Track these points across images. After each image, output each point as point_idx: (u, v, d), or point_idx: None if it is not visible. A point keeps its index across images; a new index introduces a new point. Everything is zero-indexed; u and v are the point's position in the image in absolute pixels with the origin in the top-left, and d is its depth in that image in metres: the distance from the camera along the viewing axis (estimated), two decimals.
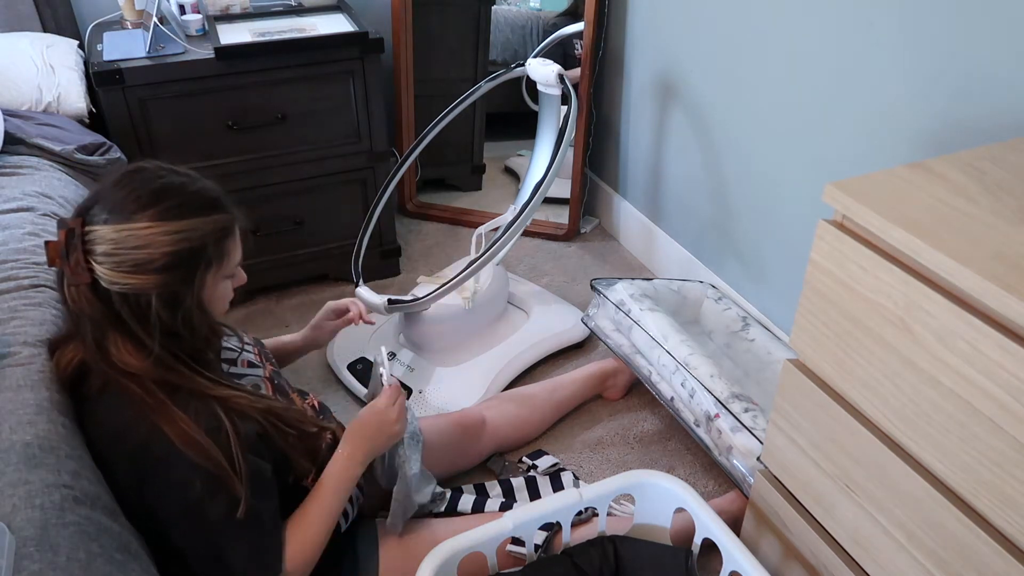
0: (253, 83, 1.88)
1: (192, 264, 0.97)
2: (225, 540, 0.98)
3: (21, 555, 0.77)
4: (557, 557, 1.24)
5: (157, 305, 0.96)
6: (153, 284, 0.95)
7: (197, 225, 0.97)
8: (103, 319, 0.96)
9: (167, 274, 0.95)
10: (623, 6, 2.16)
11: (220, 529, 0.97)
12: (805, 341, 1.02)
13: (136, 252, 0.93)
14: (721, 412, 1.47)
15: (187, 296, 0.98)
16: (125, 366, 0.96)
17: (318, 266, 2.21)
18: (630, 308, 1.72)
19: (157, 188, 0.97)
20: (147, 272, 0.94)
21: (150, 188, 0.96)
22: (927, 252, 0.81)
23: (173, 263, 0.95)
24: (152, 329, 0.96)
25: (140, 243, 0.93)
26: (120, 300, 0.95)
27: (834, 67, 1.49)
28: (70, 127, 1.75)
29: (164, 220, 0.95)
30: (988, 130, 1.22)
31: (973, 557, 0.84)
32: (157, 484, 0.96)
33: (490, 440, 1.62)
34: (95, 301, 0.96)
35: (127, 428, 0.95)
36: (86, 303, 0.96)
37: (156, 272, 0.94)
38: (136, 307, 0.96)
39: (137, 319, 0.96)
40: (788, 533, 1.16)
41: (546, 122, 2.11)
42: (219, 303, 1.06)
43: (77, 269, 0.93)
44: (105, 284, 0.94)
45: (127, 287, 0.94)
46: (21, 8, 1.98)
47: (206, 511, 0.95)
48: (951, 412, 0.83)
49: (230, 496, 0.95)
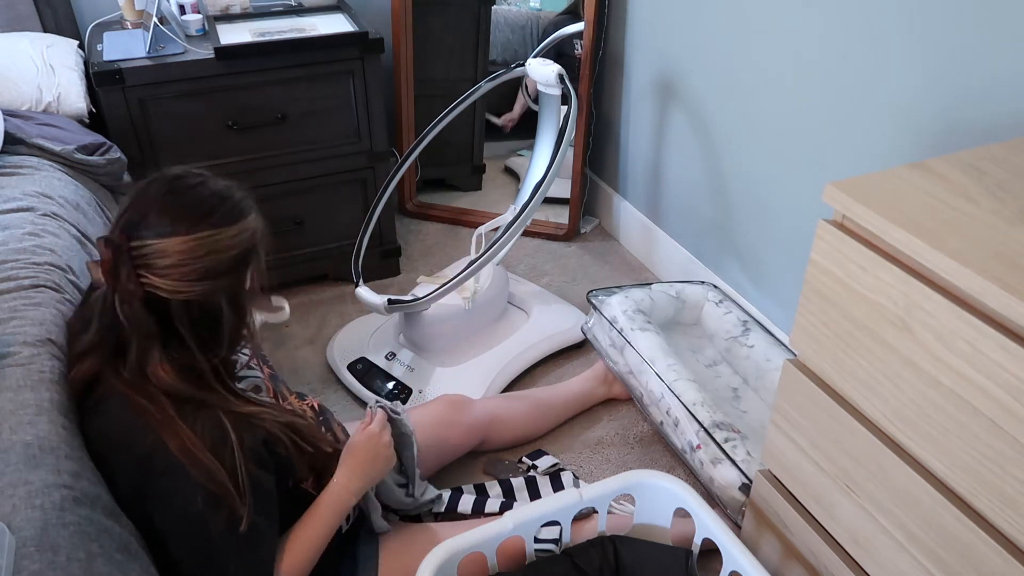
0: (253, 83, 1.88)
1: (247, 262, 1.02)
2: (222, 555, 0.97)
3: (21, 555, 0.77)
4: (557, 557, 1.24)
5: (226, 307, 1.00)
6: (221, 287, 0.98)
7: (249, 224, 1.02)
8: (150, 333, 0.97)
9: (231, 276, 0.99)
10: (623, 6, 2.16)
11: (218, 544, 0.97)
12: (805, 341, 1.02)
13: (207, 259, 0.96)
14: (703, 443, 1.47)
15: (242, 293, 1.02)
16: (157, 380, 0.96)
17: (318, 266, 2.21)
18: (623, 327, 1.72)
19: (208, 195, 0.99)
20: (216, 276, 0.97)
21: (199, 197, 0.99)
22: (927, 252, 0.81)
23: (236, 263, 0.99)
24: (221, 335, 1.00)
25: (210, 249, 0.96)
26: (181, 309, 0.97)
27: (834, 67, 1.49)
28: (70, 127, 1.75)
29: (226, 225, 0.98)
30: (988, 130, 1.22)
31: (973, 557, 0.84)
32: (158, 496, 0.96)
33: (495, 435, 1.64)
34: (146, 315, 0.96)
35: (132, 438, 0.95)
36: (137, 317, 0.96)
37: (223, 275, 0.98)
38: (202, 312, 0.98)
39: (194, 325, 0.98)
40: (788, 533, 1.16)
41: (546, 122, 2.11)
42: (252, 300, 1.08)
43: (129, 285, 0.94)
44: (165, 295, 0.95)
45: (193, 294, 0.96)
46: (21, 8, 1.98)
47: (205, 525, 0.95)
48: (951, 412, 0.83)
49: (230, 512, 0.96)
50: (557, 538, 1.26)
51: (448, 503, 1.45)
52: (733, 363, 1.79)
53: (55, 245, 1.32)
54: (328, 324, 2.08)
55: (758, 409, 1.67)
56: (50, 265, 1.26)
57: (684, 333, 1.89)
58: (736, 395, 1.72)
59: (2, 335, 1.06)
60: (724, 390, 1.73)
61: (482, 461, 1.66)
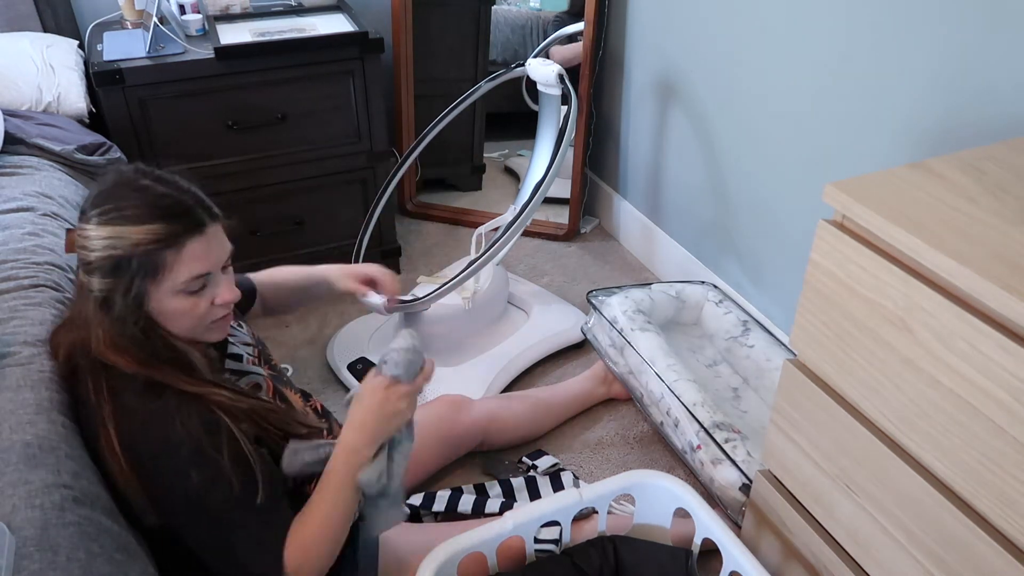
0: (253, 83, 1.88)
1: (120, 273, 0.96)
2: (225, 531, 0.98)
3: (21, 555, 0.77)
4: (557, 557, 1.24)
5: (94, 307, 0.99)
6: (95, 285, 0.97)
7: (126, 233, 0.95)
8: (88, 310, 0.99)
9: (105, 278, 0.97)
10: (623, 6, 2.16)
11: (221, 518, 0.97)
12: (805, 341, 1.02)
13: (83, 252, 0.98)
14: (703, 443, 1.47)
15: (124, 304, 0.98)
16: (104, 357, 0.98)
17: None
18: (623, 327, 1.72)
19: (107, 191, 0.99)
20: (90, 272, 0.98)
21: (103, 191, 0.99)
22: (927, 252, 0.81)
23: (107, 268, 0.96)
24: (122, 326, 0.99)
25: (83, 243, 0.97)
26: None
27: (834, 67, 1.49)
28: (70, 127, 1.76)
29: (100, 224, 0.96)
30: (988, 130, 1.22)
31: (973, 557, 0.84)
32: (157, 480, 0.96)
33: (495, 435, 1.63)
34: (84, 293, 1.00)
35: (123, 428, 0.96)
36: (78, 292, 1.01)
37: (96, 274, 0.97)
38: (99, 302, 0.99)
39: (104, 314, 0.99)
40: (788, 533, 1.16)
41: (546, 122, 2.11)
42: (179, 319, 1.02)
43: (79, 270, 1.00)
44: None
45: (83, 282, 1.00)
46: (21, 8, 1.98)
47: (205, 501, 0.96)
48: (951, 412, 0.83)
49: (228, 486, 0.96)
50: (557, 538, 1.25)
51: (448, 503, 1.45)
52: (733, 363, 1.79)
53: (55, 245, 1.32)
54: (328, 324, 2.08)
55: (758, 409, 1.67)
56: (50, 265, 1.26)
57: (684, 333, 1.89)
58: (736, 395, 1.72)
59: (2, 335, 1.06)
60: (724, 390, 1.74)
61: (482, 461, 1.66)
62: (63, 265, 1.28)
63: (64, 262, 1.29)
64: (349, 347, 1.92)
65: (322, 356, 1.95)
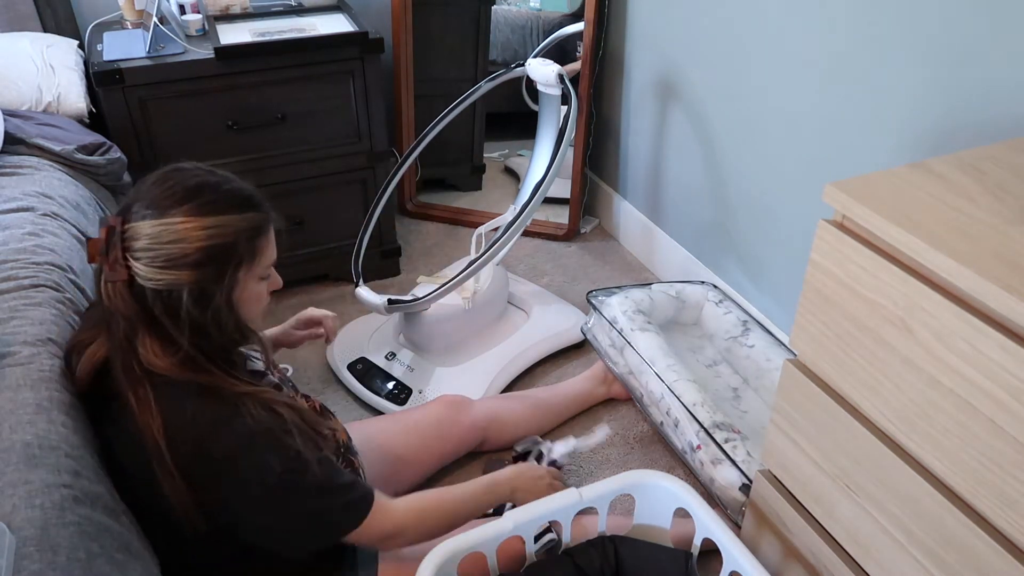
0: (253, 83, 1.88)
1: (224, 260, 0.98)
2: (316, 503, 1.03)
3: (21, 555, 0.77)
4: (557, 557, 1.24)
5: (188, 301, 0.96)
6: (186, 279, 0.96)
7: (230, 222, 0.98)
8: (136, 318, 0.97)
9: (199, 270, 0.96)
10: (623, 6, 2.16)
11: (310, 495, 1.01)
12: (805, 341, 1.02)
13: (171, 247, 0.94)
14: (703, 443, 1.47)
15: (217, 293, 0.98)
16: (151, 366, 0.96)
17: (318, 266, 2.21)
18: (623, 327, 1.72)
19: (192, 185, 0.98)
20: (180, 267, 0.95)
21: (186, 185, 0.98)
22: (927, 252, 0.81)
23: (206, 258, 0.96)
24: (182, 326, 0.97)
25: (175, 238, 0.94)
26: (153, 296, 0.96)
27: (835, 67, 1.49)
28: (70, 127, 1.75)
29: (198, 216, 0.96)
30: (988, 130, 1.22)
31: (973, 557, 0.84)
32: (230, 479, 0.97)
33: (495, 435, 1.64)
34: (130, 299, 0.96)
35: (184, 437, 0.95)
36: (121, 301, 0.96)
37: (189, 267, 0.95)
38: (168, 303, 0.96)
39: (169, 316, 0.97)
40: (788, 533, 1.16)
41: (546, 122, 2.11)
42: (252, 304, 1.06)
43: (115, 266, 0.95)
44: (141, 280, 0.95)
45: (161, 283, 0.95)
46: (21, 8, 1.98)
47: (293, 483, 0.99)
48: (951, 412, 0.83)
49: (308, 463, 1.00)
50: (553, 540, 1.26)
51: None
52: (733, 363, 1.79)
53: (55, 245, 1.32)
54: None
55: (758, 409, 1.67)
56: (50, 265, 1.26)
57: (684, 333, 1.89)
58: (736, 395, 1.72)
59: (2, 335, 1.06)
60: (724, 390, 1.74)
61: (482, 461, 1.66)
62: (63, 265, 1.28)
63: (64, 262, 1.29)
64: (349, 347, 1.92)
65: (322, 356, 1.95)
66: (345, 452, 1.25)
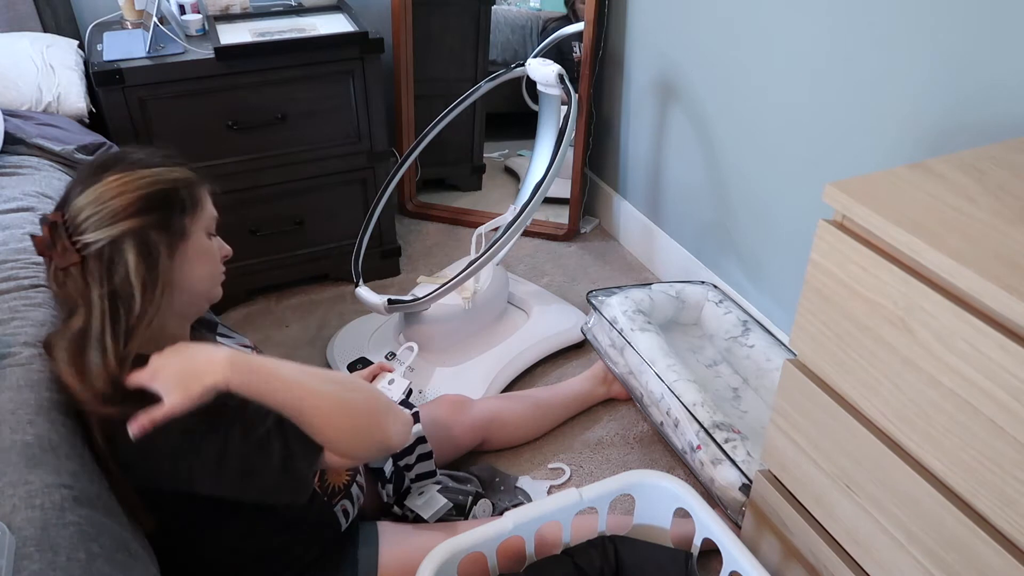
0: (253, 83, 1.88)
1: (167, 206, 0.99)
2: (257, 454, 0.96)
3: (21, 555, 0.77)
4: (557, 557, 1.24)
5: (135, 258, 0.95)
6: (131, 227, 0.95)
7: (164, 172, 1.00)
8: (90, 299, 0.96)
9: (144, 216, 0.96)
10: (623, 6, 2.16)
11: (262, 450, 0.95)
12: (805, 341, 1.02)
13: (113, 202, 0.95)
14: (703, 444, 1.47)
15: (162, 243, 0.98)
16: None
17: (318, 266, 2.21)
18: (623, 327, 1.72)
19: (121, 152, 1.03)
20: (125, 218, 0.95)
21: (114, 155, 1.02)
22: (927, 252, 0.81)
23: (148, 205, 0.97)
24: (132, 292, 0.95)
25: (115, 193, 0.96)
26: (95, 260, 0.94)
27: (834, 67, 1.49)
28: (70, 127, 1.75)
29: (132, 171, 0.98)
30: (988, 130, 1.22)
31: (973, 557, 0.84)
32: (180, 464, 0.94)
33: (495, 435, 1.64)
34: (82, 281, 0.96)
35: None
36: (73, 287, 0.96)
37: (133, 215, 0.95)
38: (114, 265, 0.95)
39: (117, 282, 0.95)
40: (788, 533, 1.16)
41: (546, 122, 2.11)
42: (203, 262, 1.05)
43: (65, 254, 0.95)
44: (89, 250, 0.94)
45: (105, 238, 0.94)
46: (21, 8, 1.98)
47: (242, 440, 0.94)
48: (951, 412, 0.83)
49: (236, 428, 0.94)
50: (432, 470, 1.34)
51: None
52: (733, 363, 1.79)
53: None
54: (328, 324, 2.08)
55: (758, 409, 1.67)
56: None
57: (684, 333, 1.89)
58: (736, 395, 1.72)
59: (2, 335, 1.06)
60: (724, 390, 1.74)
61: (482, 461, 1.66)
62: None
63: None
64: (349, 347, 1.92)
65: (322, 356, 1.95)
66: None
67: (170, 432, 0.90)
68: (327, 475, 1.17)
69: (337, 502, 1.19)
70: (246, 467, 0.96)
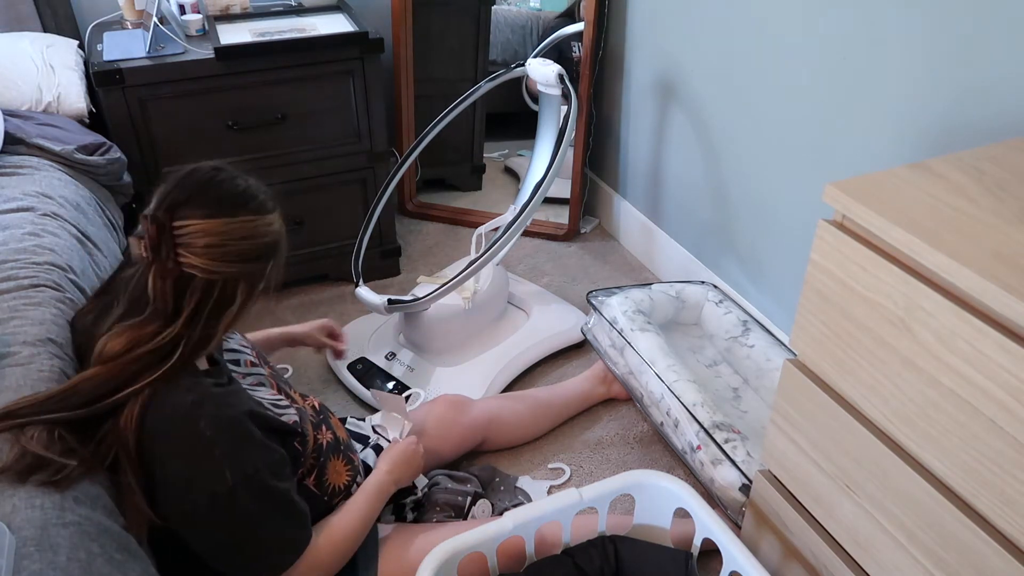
0: (253, 83, 1.88)
1: (273, 256, 1.06)
2: (251, 525, 1.01)
3: (21, 555, 0.77)
4: (557, 557, 1.24)
5: (241, 297, 1.02)
6: (246, 272, 1.02)
7: (277, 219, 1.07)
8: (166, 312, 0.99)
9: (258, 263, 1.04)
10: (623, 6, 2.16)
11: (248, 514, 1.00)
12: (805, 341, 1.03)
13: (242, 243, 1.01)
14: (703, 444, 1.47)
15: (258, 286, 1.06)
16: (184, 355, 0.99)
17: (318, 266, 2.21)
18: (623, 327, 1.72)
19: (244, 189, 1.05)
20: (245, 261, 1.01)
21: (240, 189, 1.04)
22: (927, 252, 0.81)
23: (266, 253, 1.04)
24: (222, 320, 1.02)
25: (245, 233, 1.01)
26: (202, 289, 0.99)
27: (835, 67, 1.49)
28: (70, 127, 1.75)
29: (261, 214, 1.04)
30: (988, 130, 1.22)
31: (973, 557, 0.84)
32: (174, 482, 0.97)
33: (495, 435, 1.64)
34: (172, 293, 0.99)
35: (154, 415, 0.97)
36: (159, 289, 0.99)
37: (252, 261, 1.02)
38: (219, 295, 1.00)
39: (215, 307, 1.01)
40: (788, 533, 1.16)
41: (546, 122, 2.11)
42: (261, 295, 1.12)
43: (168, 262, 0.98)
44: (200, 274, 0.98)
45: (225, 275, 1.00)
46: (21, 8, 1.98)
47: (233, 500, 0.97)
48: (951, 412, 0.83)
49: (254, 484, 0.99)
50: (368, 434, 1.41)
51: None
52: (733, 363, 1.79)
53: (55, 245, 1.32)
54: None
55: (758, 409, 1.67)
56: (50, 265, 1.26)
57: (684, 333, 1.89)
58: (736, 395, 1.72)
59: (2, 335, 1.06)
60: (724, 390, 1.74)
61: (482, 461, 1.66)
62: (63, 265, 1.28)
63: (64, 262, 1.29)
64: (349, 347, 1.92)
65: (322, 356, 1.95)
66: (345, 450, 1.25)
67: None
68: (327, 475, 1.18)
69: (337, 502, 1.19)
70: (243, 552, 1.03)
